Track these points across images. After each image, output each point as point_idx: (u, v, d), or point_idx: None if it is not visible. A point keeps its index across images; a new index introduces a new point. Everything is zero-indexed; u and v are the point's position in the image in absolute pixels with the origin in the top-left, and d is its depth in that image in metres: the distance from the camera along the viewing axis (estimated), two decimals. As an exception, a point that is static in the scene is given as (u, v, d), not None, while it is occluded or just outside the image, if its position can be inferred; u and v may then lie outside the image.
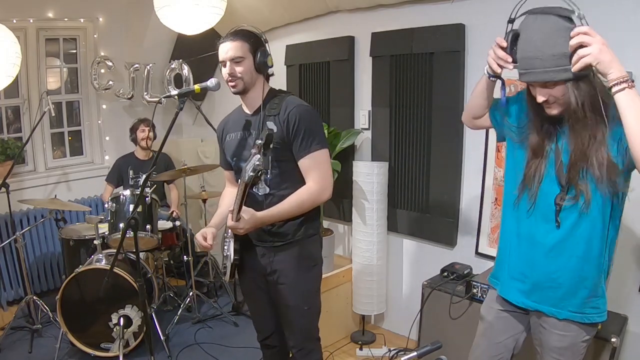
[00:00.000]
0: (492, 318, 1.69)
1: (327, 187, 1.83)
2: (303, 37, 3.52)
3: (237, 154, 1.93)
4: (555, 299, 1.51)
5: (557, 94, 1.33)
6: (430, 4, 2.77)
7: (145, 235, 2.89)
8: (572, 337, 1.51)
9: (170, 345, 3.01)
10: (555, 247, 1.48)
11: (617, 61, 1.22)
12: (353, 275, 3.13)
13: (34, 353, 2.93)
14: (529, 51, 1.30)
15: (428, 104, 2.84)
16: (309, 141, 1.78)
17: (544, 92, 1.34)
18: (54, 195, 3.40)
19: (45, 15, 3.73)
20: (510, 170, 1.62)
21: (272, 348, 2.11)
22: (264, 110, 1.84)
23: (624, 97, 1.22)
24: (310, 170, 1.81)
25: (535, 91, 1.37)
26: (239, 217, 1.67)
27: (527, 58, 1.32)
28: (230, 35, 1.80)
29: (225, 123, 2.02)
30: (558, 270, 1.48)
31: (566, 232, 1.45)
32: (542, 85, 1.33)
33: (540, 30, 1.28)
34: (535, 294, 1.54)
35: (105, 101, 4.24)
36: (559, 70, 1.28)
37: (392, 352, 2.97)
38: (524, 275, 1.56)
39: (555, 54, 1.26)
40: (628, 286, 2.21)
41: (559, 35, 1.26)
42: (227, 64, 1.79)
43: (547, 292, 1.51)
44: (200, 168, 3.49)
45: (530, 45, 1.30)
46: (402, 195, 3.06)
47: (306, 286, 1.91)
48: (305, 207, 1.82)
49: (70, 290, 2.76)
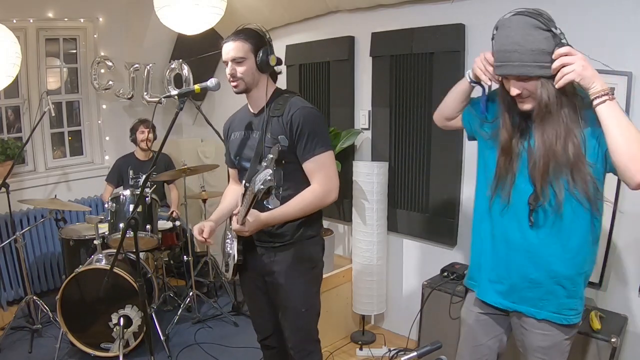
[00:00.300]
0: (472, 321, 1.68)
1: (333, 189, 1.82)
2: (303, 37, 3.52)
3: (239, 153, 1.93)
4: (533, 299, 1.50)
5: (531, 89, 1.35)
6: (430, 4, 2.77)
7: (145, 235, 2.89)
8: (554, 335, 1.51)
9: (170, 345, 3.01)
10: (531, 248, 1.47)
11: (598, 76, 1.28)
12: (353, 275, 3.13)
13: (34, 353, 2.93)
14: (508, 44, 1.32)
15: (428, 104, 2.84)
16: (313, 144, 1.77)
17: (518, 85, 1.36)
18: (54, 195, 3.40)
19: (45, 15, 3.73)
20: (482, 172, 1.62)
21: (272, 349, 2.10)
22: (268, 110, 1.83)
23: (606, 109, 1.27)
24: (314, 172, 1.79)
25: (510, 84, 1.38)
26: (244, 220, 1.67)
27: (504, 51, 1.33)
28: (233, 35, 1.79)
29: (231, 121, 2.03)
30: (535, 271, 1.48)
31: (540, 232, 1.45)
32: (517, 78, 1.35)
33: (520, 26, 1.31)
34: (514, 295, 1.54)
35: (105, 101, 4.24)
36: (536, 66, 1.30)
37: (392, 352, 2.97)
38: (501, 276, 1.56)
39: (534, 49, 1.29)
40: (628, 286, 2.21)
41: (538, 32, 1.29)
42: (229, 64, 1.80)
43: (525, 292, 1.51)
44: (200, 168, 3.49)
45: (509, 39, 1.32)
46: (402, 195, 3.06)
47: (304, 288, 1.90)
48: (310, 209, 1.81)
49: (70, 290, 2.76)
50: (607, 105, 1.27)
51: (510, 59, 1.32)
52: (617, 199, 2.18)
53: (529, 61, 1.30)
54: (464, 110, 1.69)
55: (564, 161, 1.36)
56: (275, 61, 1.82)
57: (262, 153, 1.78)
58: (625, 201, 2.18)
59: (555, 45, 1.29)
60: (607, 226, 2.21)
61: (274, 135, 1.79)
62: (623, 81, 2.10)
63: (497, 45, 1.37)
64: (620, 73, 2.10)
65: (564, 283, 1.47)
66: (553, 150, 1.36)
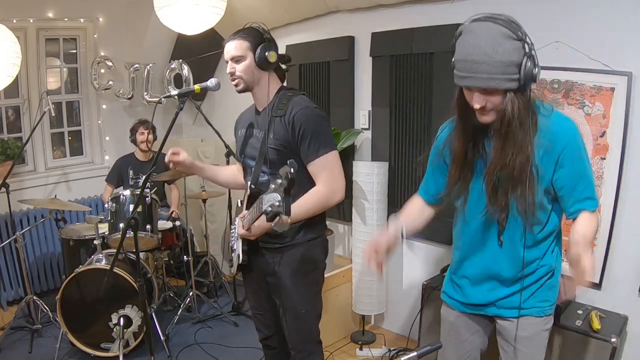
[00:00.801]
0: (453, 319, 1.68)
1: (338, 189, 1.80)
2: (303, 37, 3.52)
3: (242, 150, 1.95)
4: (510, 299, 1.52)
5: (496, 102, 1.28)
6: (430, 4, 2.77)
7: (145, 235, 2.90)
8: (534, 325, 1.53)
9: (170, 345, 3.01)
10: (498, 251, 1.50)
11: (590, 265, 1.30)
12: (353, 275, 3.13)
13: (34, 353, 2.93)
14: (475, 55, 1.22)
15: (428, 104, 2.84)
16: (317, 145, 1.75)
17: (482, 99, 1.28)
18: (54, 195, 3.40)
19: (45, 15, 3.73)
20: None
21: (273, 349, 2.10)
22: (270, 109, 1.82)
23: None
24: (319, 173, 1.78)
25: (472, 96, 1.30)
26: (250, 226, 1.68)
27: (471, 61, 1.23)
28: (233, 34, 1.80)
29: (240, 118, 2.05)
30: (505, 271, 1.50)
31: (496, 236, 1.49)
32: (482, 91, 1.27)
33: (490, 35, 1.22)
34: (491, 295, 1.55)
35: (105, 101, 4.24)
36: (505, 79, 1.23)
37: (392, 352, 2.97)
38: (478, 277, 1.57)
39: (504, 61, 1.21)
40: (628, 286, 2.21)
41: (509, 42, 1.21)
42: (229, 62, 1.80)
43: (500, 292, 1.53)
44: (200, 168, 3.49)
45: (476, 49, 1.22)
46: (402, 195, 3.06)
47: (305, 289, 1.89)
48: (316, 211, 1.80)
49: (70, 290, 2.76)
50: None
51: (477, 70, 1.23)
52: (618, 199, 2.18)
53: (498, 73, 1.22)
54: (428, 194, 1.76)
55: (516, 175, 1.34)
56: (275, 58, 1.80)
57: (266, 154, 1.78)
58: (626, 201, 2.18)
59: (524, 56, 1.22)
60: (607, 226, 2.21)
61: (277, 135, 1.78)
62: (623, 81, 2.10)
63: (460, 53, 1.26)
64: (620, 73, 2.10)
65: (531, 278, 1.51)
66: (507, 164, 1.34)
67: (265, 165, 1.82)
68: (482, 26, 1.24)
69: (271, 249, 1.87)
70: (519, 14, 1.56)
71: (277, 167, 1.78)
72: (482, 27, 1.24)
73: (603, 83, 2.15)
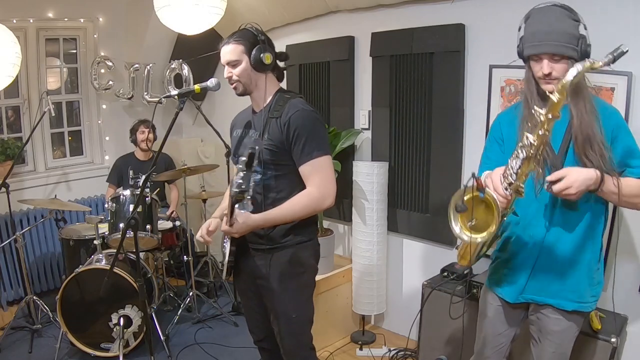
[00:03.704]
0: (492, 314, 1.76)
1: (329, 194, 1.78)
2: (303, 37, 3.51)
3: (237, 151, 1.94)
4: (553, 290, 1.59)
5: (560, 70, 1.44)
6: (430, 4, 2.77)
7: (145, 235, 2.89)
8: (567, 321, 1.60)
9: (170, 345, 3.01)
10: (550, 241, 1.57)
11: (584, 180, 1.40)
12: (353, 275, 3.13)
13: (34, 353, 2.93)
14: (544, 25, 1.44)
15: (428, 104, 2.84)
16: (311, 148, 1.74)
17: (549, 66, 1.46)
18: (54, 195, 3.40)
19: (45, 15, 3.73)
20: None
21: (267, 351, 2.08)
22: (266, 111, 1.81)
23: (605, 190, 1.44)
24: (311, 176, 1.76)
25: (541, 64, 1.47)
26: (232, 221, 1.66)
27: (540, 32, 1.45)
28: (227, 38, 1.79)
29: (236, 119, 2.04)
30: (555, 261, 1.57)
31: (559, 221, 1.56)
32: (550, 58, 1.45)
33: (554, 13, 1.45)
34: (534, 286, 1.62)
35: (105, 101, 4.24)
36: (570, 47, 1.43)
37: (392, 352, 2.97)
38: (523, 267, 1.63)
39: (568, 32, 1.43)
40: (628, 286, 2.21)
41: (571, 21, 1.44)
42: (226, 67, 1.80)
43: (545, 284, 1.60)
44: (200, 168, 3.50)
45: (544, 22, 1.45)
46: (402, 195, 3.06)
47: (293, 293, 1.86)
48: (305, 212, 1.78)
49: (70, 290, 2.76)
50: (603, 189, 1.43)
51: (548, 39, 1.43)
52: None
53: (564, 42, 1.42)
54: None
55: (591, 134, 1.45)
56: (270, 59, 1.78)
57: (261, 155, 1.77)
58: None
59: (580, 34, 1.43)
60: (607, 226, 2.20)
61: (271, 136, 1.77)
62: (623, 81, 2.10)
63: (530, 29, 1.48)
64: (620, 73, 2.10)
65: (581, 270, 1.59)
66: (582, 130, 1.46)
67: (258, 166, 1.81)
68: (548, 8, 1.48)
69: (260, 250, 1.85)
70: (520, 14, 1.57)
71: (270, 168, 1.79)
72: (549, 9, 1.48)
73: (603, 83, 2.15)
